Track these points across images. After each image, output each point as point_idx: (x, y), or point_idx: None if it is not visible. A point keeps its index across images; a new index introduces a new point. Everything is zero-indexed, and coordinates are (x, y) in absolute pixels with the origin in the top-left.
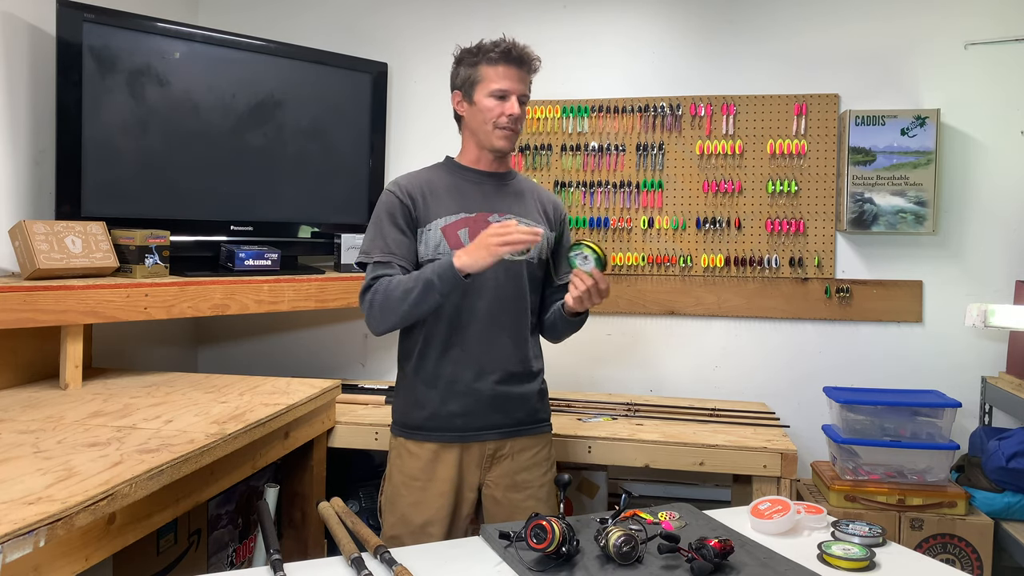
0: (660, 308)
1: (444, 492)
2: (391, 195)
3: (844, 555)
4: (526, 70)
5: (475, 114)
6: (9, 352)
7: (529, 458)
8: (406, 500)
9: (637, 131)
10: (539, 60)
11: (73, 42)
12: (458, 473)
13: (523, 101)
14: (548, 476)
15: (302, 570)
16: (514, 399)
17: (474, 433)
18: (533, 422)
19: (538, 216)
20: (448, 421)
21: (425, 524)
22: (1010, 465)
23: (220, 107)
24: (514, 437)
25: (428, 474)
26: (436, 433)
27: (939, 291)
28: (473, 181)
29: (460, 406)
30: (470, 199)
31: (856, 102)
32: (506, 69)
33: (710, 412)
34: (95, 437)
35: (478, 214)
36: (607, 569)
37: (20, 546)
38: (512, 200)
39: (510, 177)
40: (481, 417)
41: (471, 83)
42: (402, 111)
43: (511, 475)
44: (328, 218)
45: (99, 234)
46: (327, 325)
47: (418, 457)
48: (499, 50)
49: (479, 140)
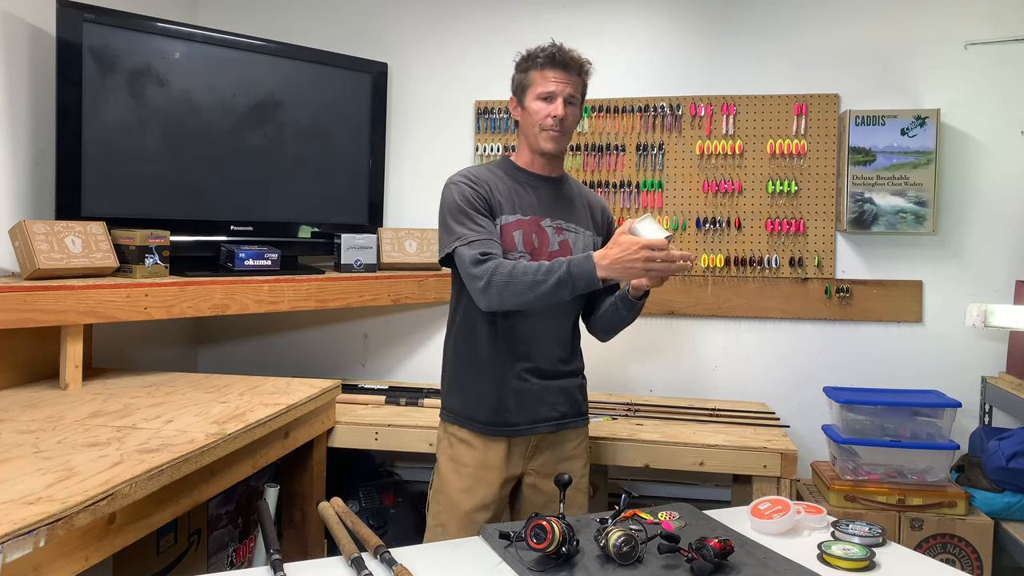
0: (660, 308)
1: (492, 481)
2: (464, 185)
3: (844, 555)
4: (573, 72)
5: (526, 118)
6: (9, 352)
7: (570, 449)
8: (455, 487)
9: (637, 131)
10: (589, 63)
11: (73, 42)
12: (506, 462)
13: (571, 102)
14: (587, 468)
15: (302, 570)
16: (560, 393)
17: (525, 427)
18: (576, 415)
19: (586, 221)
20: (498, 414)
21: (473, 511)
22: (1010, 465)
23: (220, 107)
24: (558, 431)
25: (480, 462)
26: (488, 427)
27: (939, 291)
28: (529, 184)
29: (510, 400)
30: (525, 202)
31: (856, 102)
32: (552, 72)
33: (710, 412)
34: (95, 437)
35: (532, 217)
36: (607, 569)
37: (20, 546)
38: (564, 206)
39: (562, 182)
40: (530, 411)
41: (522, 88)
42: (402, 111)
43: (552, 464)
44: (328, 218)
45: (99, 234)
46: (327, 325)
47: (469, 445)
48: (545, 54)
49: (530, 143)
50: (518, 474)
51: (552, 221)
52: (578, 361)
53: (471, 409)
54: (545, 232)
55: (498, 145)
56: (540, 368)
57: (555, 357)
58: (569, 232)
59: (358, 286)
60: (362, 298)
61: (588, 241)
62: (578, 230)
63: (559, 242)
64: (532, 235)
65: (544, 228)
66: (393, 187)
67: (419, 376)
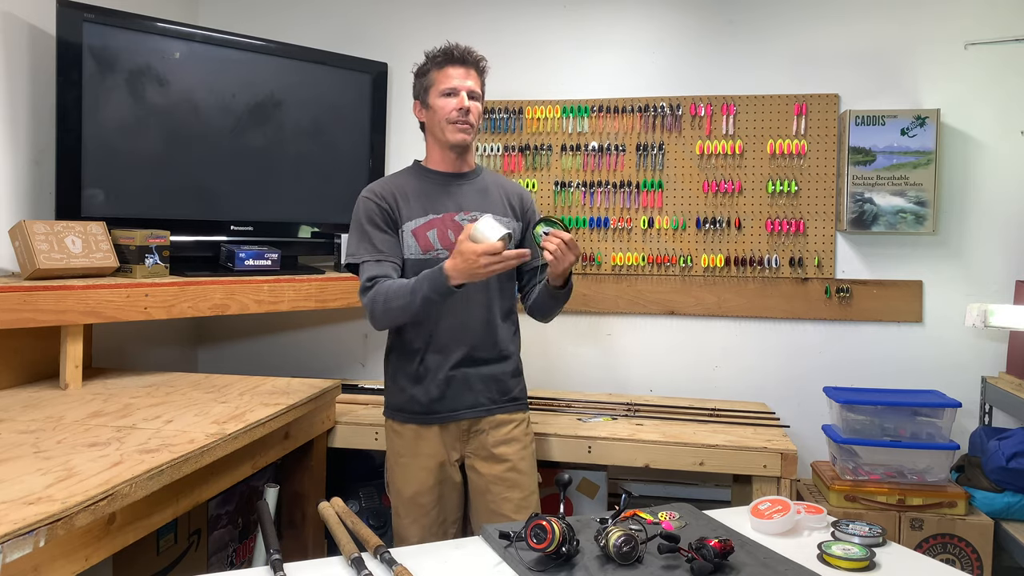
0: (660, 308)
1: (428, 467)
2: (368, 201)
3: (844, 555)
4: (472, 67)
5: (431, 116)
6: (9, 352)
7: (505, 433)
8: (398, 476)
9: (637, 131)
10: (484, 60)
11: (73, 42)
12: (441, 448)
13: (474, 97)
14: (527, 451)
15: (302, 570)
16: (485, 380)
17: (449, 414)
18: (506, 401)
19: (504, 209)
20: (424, 404)
21: (414, 495)
22: (1010, 465)
23: (220, 107)
24: (487, 415)
25: (412, 450)
26: (416, 416)
27: (939, 291)
28: (438, 183)
29: (434, 390)
30: (436, 201)
31: (856, 102)
32: (452, 68)
33: (710, 412)
34: (95, 437)
35: (445, 214)
36: (607, 569)
37: (20, 546)
38: (477, 197)
39: (474, 175)
40: (454, 399)
41: (425, 90)
42: (402, 111)
43: (487, 448)
44: (328, 218)
45: (99, 234)
46: (327, 325)
47: (402, 436)
48: (444, 53)
49: (438, 139)
50: (458, 457)
51: (467, 214)
52: (506, 347)
53: (400, 401)
54: (459, 225)
55: (498, 145)
56: (463, 358)
57: (480, 346)
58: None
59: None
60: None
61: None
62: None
63: None
64: (447, 231)
65: (459, 222)
66: None
67: None
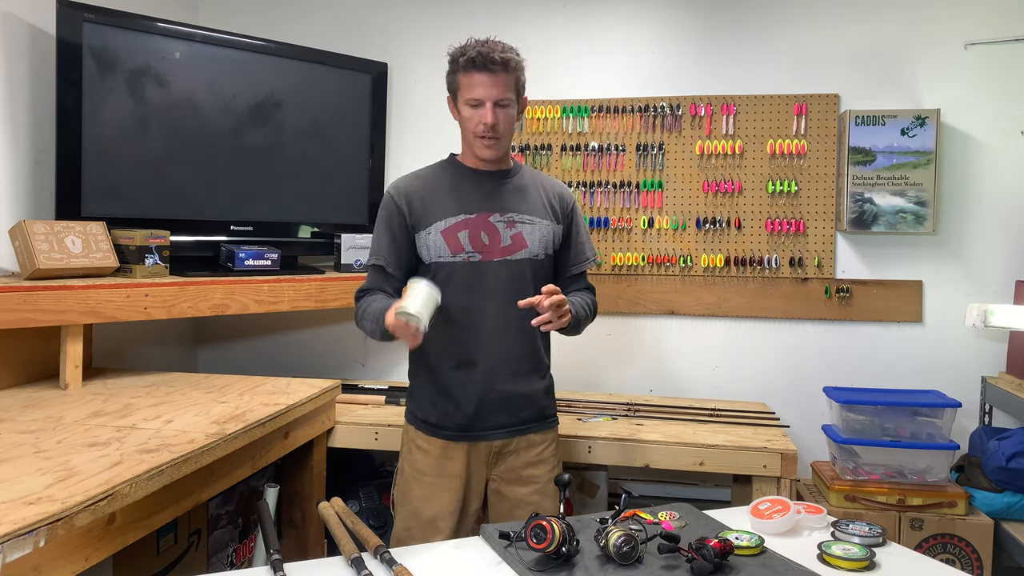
0: (660, 308)
1: (452, 488)
2: (388, 199)
3: (844, 555)
4: (498, 71)
5: (462, 122)
6: (9, 352)
7: (535, 454)
8: (416, 495)
9: (637, 131)
10: (515, 57)
11: (73, 42)
12: (466, 469)
13: (502, 105)
14: (554, 472)
15: (302, 570)
16: (521, 398)
17: (481, 432)
18: (539, 419)
19: (544, 211)
20: (456, 420)
21: (433, 519)
22: (1010, 465)
23: (220, 107)
24: (521, 435)
25: (437, 469)
26: (445, 431)
27: (939, 291)
28: (473, 180)
29: (468, 406)
30: (471, 199)
31: (856, 102)
32: (477, 75)
33: (710, 412)
34: (95, 437)
35: (479, 215)
36: (607, 569)
37: (20, 546)
38: (514, 197)
39: (512, 173)
40: (488, 417)
41: (454, 91)
42: (402, 111)
43: (516, 470)
44: (328, 218)
45: (99, 234)
46: (327, 325)
47: (427, 452)
48: (465, 58)
49: (469, 147)
50: (483, 479)
51: (502, 215)
52: (542, 363)
53: (428, 415)
54: (495, 227)
55: None
56: (499, 374)
57: (516, 361)
58: (523, 224)
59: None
60: None
61: (546, 231)
62: (534, 220)
63: (511, 236)
64: (480, 233)
65: (493, 224)
66: None
67: None
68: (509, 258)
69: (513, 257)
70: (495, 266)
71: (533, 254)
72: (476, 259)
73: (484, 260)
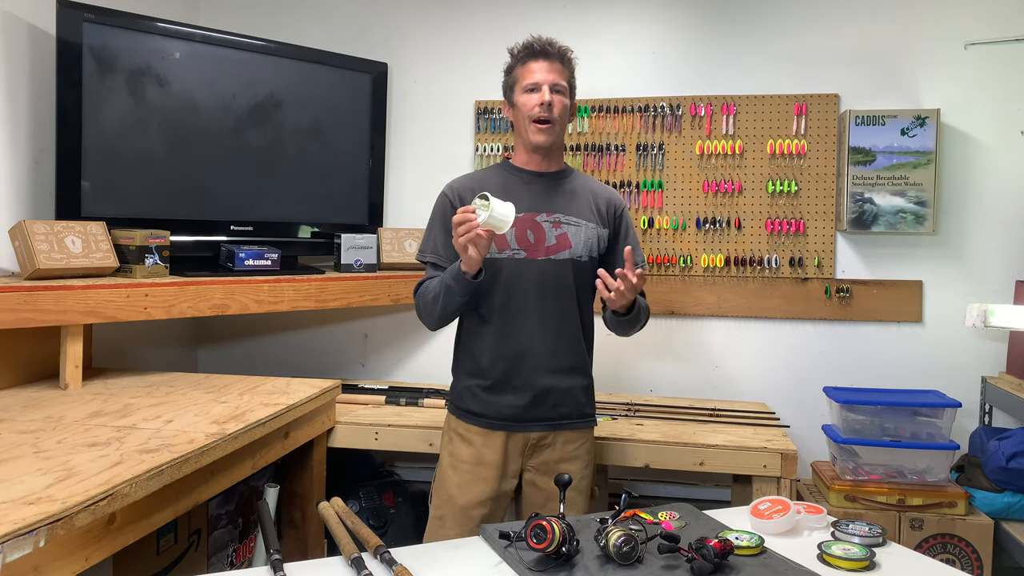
0: (660, 308)
1: (488, 477)
2: (444, 197)
3: (844, 555)
4: (556, 60)
5: (517, 115)
6: (9, 352)
7: (572, 450)
8: (453, 482)
9: (637, 131)
10: (571, 51)
11: (73, 42)
12: (503, 458)
13: (558, 91)
14: (588, 470)
15: (302, 570)
16: (560, 394)
17: (520, 424)
18: (578, 416)
19: (590, 214)
20: (496, 411)
21: (469, 506)
22: (1010, 465)
23: (220, 107)
24: (558, 430)
25: (475, 458)
26: (484, 419)
27: (939, 291)
28: (523, 181)
29: (508, 398)
30: (519, 199)
31: (856, 102)
32: (534, 63)
33: (710, 412)
34: (95, 437)
35: (526, 214)
36: (607, 569)
37: (20, 546)
38: (563, 199)
39: (563, 176)
40: (527, 410)
41: (510, 88)
42: (402, 111)
43: (552, 464)
44: (328, 218)
45: (99, 234)
46: (327, 325)
47: (467, 440)
48: (525, 49)
49: (523, 139)
50: (518, 470)
51: (549, 216)
52: (583, 362)
53: (468, 404)
54: (541, 227)
55: (498, 145)
56: (540, 368)
57: (557, 358)
58: (569, 225)
59: (358, 286)
60: (362, 298)
61: (591, 233)
62: (579, 223)
63: (556, 236)
64: (527, 231)
65: (540, 223)
66: (393, 187)
67: (419, 376)
68: (553, 257)
69: (557, 256)
70: (539, 264)
71: (577, 255)
72: (521, 256)
73: (528, 258)
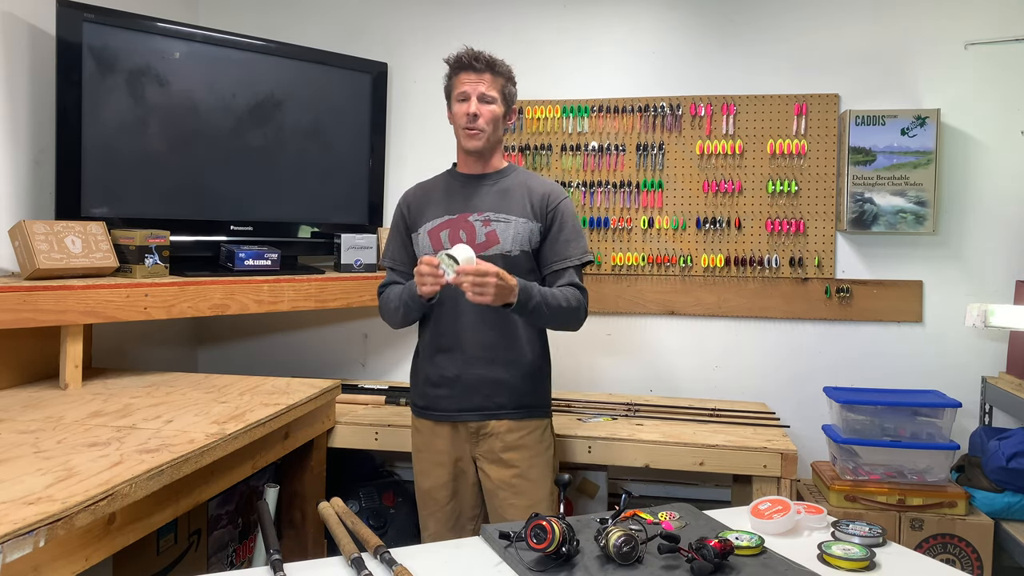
0: (660, 308)
1: (442, 463)
2: (397, 207)
3: (844, 555)
4: (482, 70)
5: (453, 121)
6: (9, 352)
7: (515, 440)
8: (417, 469)
9: (637, 131)
10: (499, 62)
11: (73, 42)
12: (451, 446)
13: (486, 100)
14: (540, 459)
15: (302, 570)
16: (496, 383)
17: (457, 413)
18: (515, 407)
19: (522, 210)
20: (436, 402)
21: (430, 489)
22: (1010, 465)
23: (220, 107)
24: (497, 419)
25: (428, 446)
26: (429, 412)
27: (939, 291)
28: (462, 184)
29: (445, 390)
30: (455, 201)
31: (856, 102)
32: (464, 75)
33: (710, 412)
34: (95, 437)
35: (460, 215)
36: (607, 569)
37: (20, 546)
38: (494, 198)
39: (501, 176)
40: (462, 400)
41: (448, 96)
42: (402, 111)
43: (496, 452)
44: (328, 218)
45: (99, 234)
46: (327, 325)
47: (419, 431)
48: (455, 60)
49: (459, 145)
50: (470, 457)
51: (480, 215)
52: (521, 354)
53: (417, 398)
54: (472, 226)
55: None
56: (473, 360)
57: (491, 350)
58: (498, 223)
59: (358, 286)
60: (362, 298)
61: (522, 228)
62: (509, 219)
63: (486, 233)
64: (459, 231)
65: (471, 223)
66: (393, 187)
67: None
68: (482, 254)
69: (487, 253)
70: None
71: (506, 250)
72: None
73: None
